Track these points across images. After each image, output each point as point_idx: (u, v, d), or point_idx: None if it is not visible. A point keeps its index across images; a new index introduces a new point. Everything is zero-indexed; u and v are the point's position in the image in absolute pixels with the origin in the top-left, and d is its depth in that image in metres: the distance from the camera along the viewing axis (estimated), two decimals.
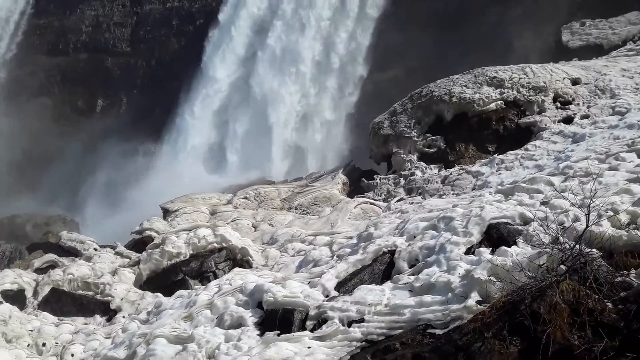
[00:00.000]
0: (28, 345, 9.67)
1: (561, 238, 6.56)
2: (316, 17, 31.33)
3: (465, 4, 29.43)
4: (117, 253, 14.48)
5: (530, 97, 17.11)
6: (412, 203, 14.18)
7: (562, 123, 15.60)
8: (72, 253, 15.61)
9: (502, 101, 17.39)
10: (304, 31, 31.61)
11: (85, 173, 34.94)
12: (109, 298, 12.02)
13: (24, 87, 43.48)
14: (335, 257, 10.65)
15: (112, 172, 33.62)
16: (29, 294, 12.42)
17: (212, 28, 37.08)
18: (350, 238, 11.76)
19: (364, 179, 18.53)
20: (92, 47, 45.14)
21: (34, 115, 38.19)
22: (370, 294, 7.62)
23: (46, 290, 12.41)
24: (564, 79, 17.46)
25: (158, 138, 35.89)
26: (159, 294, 11.72)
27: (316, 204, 17.43)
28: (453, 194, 13.81)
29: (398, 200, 15.38)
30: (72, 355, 9.27)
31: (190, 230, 14.04)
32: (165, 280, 12.86)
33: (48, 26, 46.53)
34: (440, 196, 14.18)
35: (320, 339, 6.85)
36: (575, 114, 15.77)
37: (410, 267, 8.62)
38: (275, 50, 32.11)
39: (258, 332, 7.72)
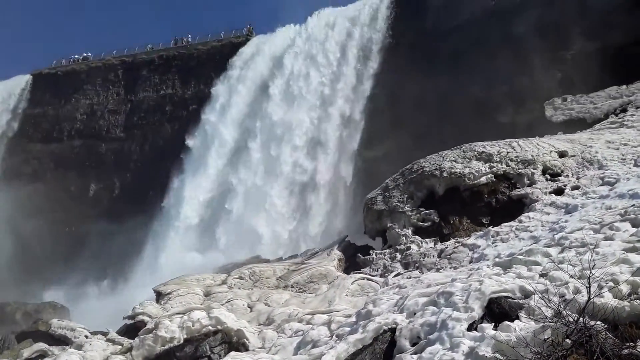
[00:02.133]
0: None
1: (564, 311, 6.48)
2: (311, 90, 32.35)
3: (452, 82, 30.53)
4: (108, 340, 14.04)
5: (519, 170, 17.39)
6: (410, 277, 14.02)
7: (553, 194, 15.77)
8: (62, 341, 15.15)
9: (492, 174, 17.64)
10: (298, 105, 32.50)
11: (77, 258, 34.48)
12: None
13: (17, 175, 43.77)
14: (334, 336, 10.40)
15: (105, 256, 33.23)
16: None
17: (204, 112, 38.07)
18: (349, 316, 11.53)
19: (359, 255, 18.39)
20: (86, 133, 45.93)
21: (27, 201, 38.20)
22: None
23: None
24: (550, 152, 17.85)
25: (150, 221, 35.80)
26: None
27: (312, 282, 17.18)
28: (450, 267, 13.71)
29: (395, 275, 15.20)
30: None
31: (184, 314, 13.72)
32: None
33: (43, 115, 47.49)
34: (437, 270, 14.07)
35: None
36: (565, 185, 15.98)
37: (412, 346, 8.41)
38: (270, 125, 32.89)
39: None
